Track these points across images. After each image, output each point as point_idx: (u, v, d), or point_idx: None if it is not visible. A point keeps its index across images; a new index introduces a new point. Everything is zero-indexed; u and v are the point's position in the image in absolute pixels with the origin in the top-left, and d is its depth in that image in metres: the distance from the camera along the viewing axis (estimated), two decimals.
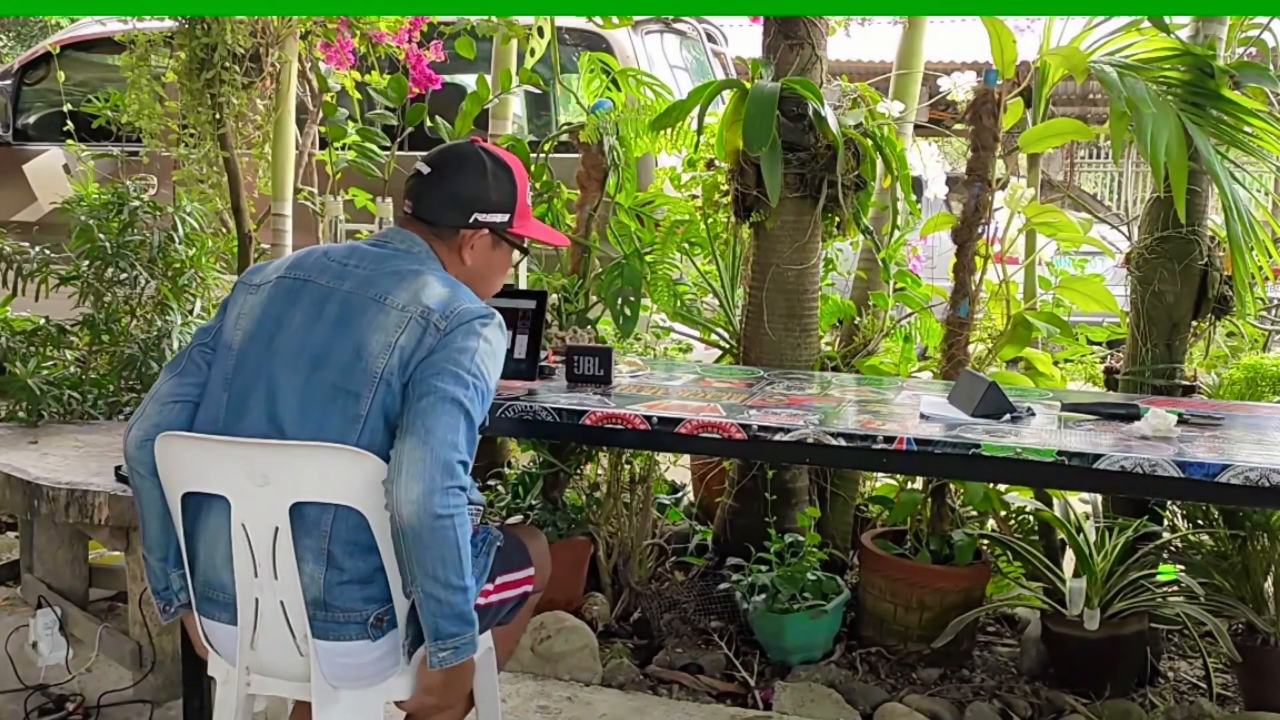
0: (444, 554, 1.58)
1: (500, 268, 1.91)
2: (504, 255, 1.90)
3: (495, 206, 1.84)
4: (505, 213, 1.85)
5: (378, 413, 1.65)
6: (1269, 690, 2.56)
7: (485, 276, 1.89)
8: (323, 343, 1.69)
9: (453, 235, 1.82)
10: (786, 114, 2.84)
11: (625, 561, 3.08)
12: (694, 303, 3.46)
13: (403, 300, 1.70)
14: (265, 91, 3.75)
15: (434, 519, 1.56)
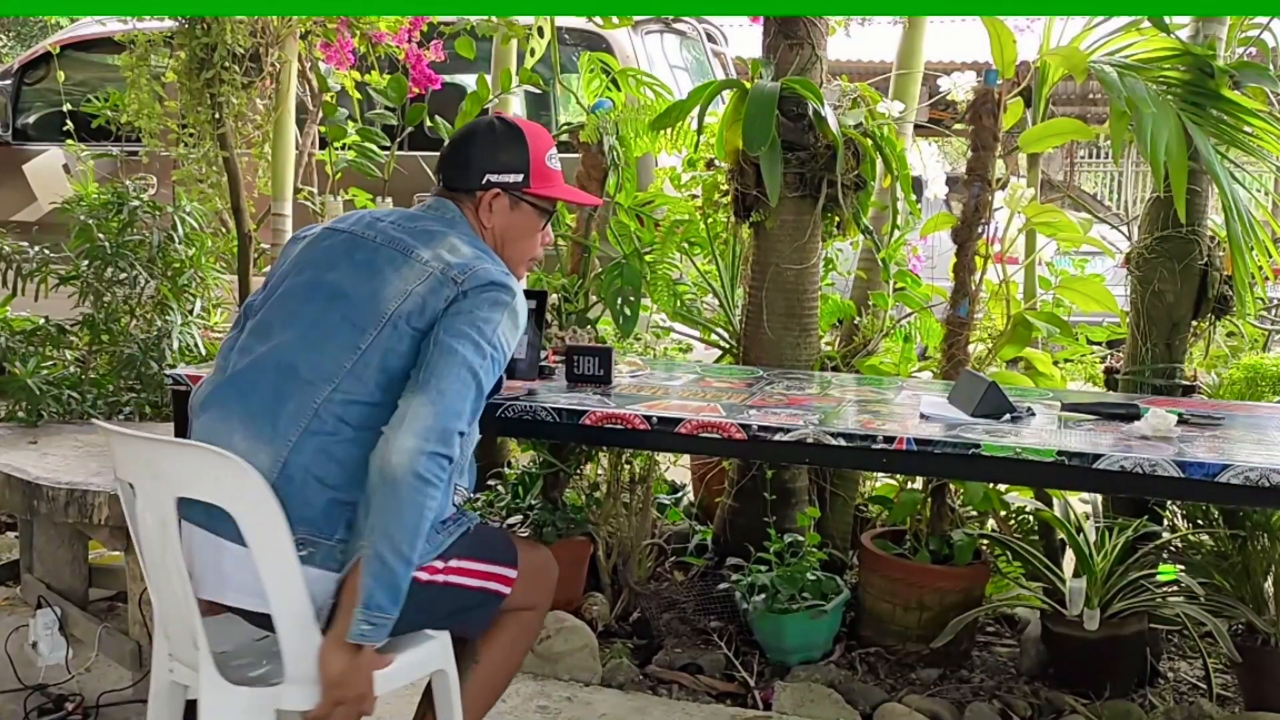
0: (407, 518, 1.61)
1: (526, 230, 1.95)
2: (527, 217, 1.94)
3: (505, 167, 1.90)
4: (518, 172, 1.90)
5: (377, 349, 1.72)
6: (1269, 690, 2.56)
7: (513, 240, 1.93)
8: (343, 282, 1.79)
9: (471, 199, 1.91)
10: (786, 114, 2.84)
11: (625, 561, 3.08)
12: (694, 303, 3.46)
13: (426, 255, 1.79)
14: (265, 91, 3.75)
15: (414, 477, 1.61)
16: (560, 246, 3.24)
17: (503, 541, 1.95)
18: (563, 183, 1.99)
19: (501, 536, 1.98)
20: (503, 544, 1.94)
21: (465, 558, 1.84)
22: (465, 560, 1.84)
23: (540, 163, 1.93)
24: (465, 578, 1.85)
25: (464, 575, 1.85)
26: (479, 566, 1.86)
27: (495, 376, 1.75)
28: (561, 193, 1.99)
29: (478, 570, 1.86)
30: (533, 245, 1.98)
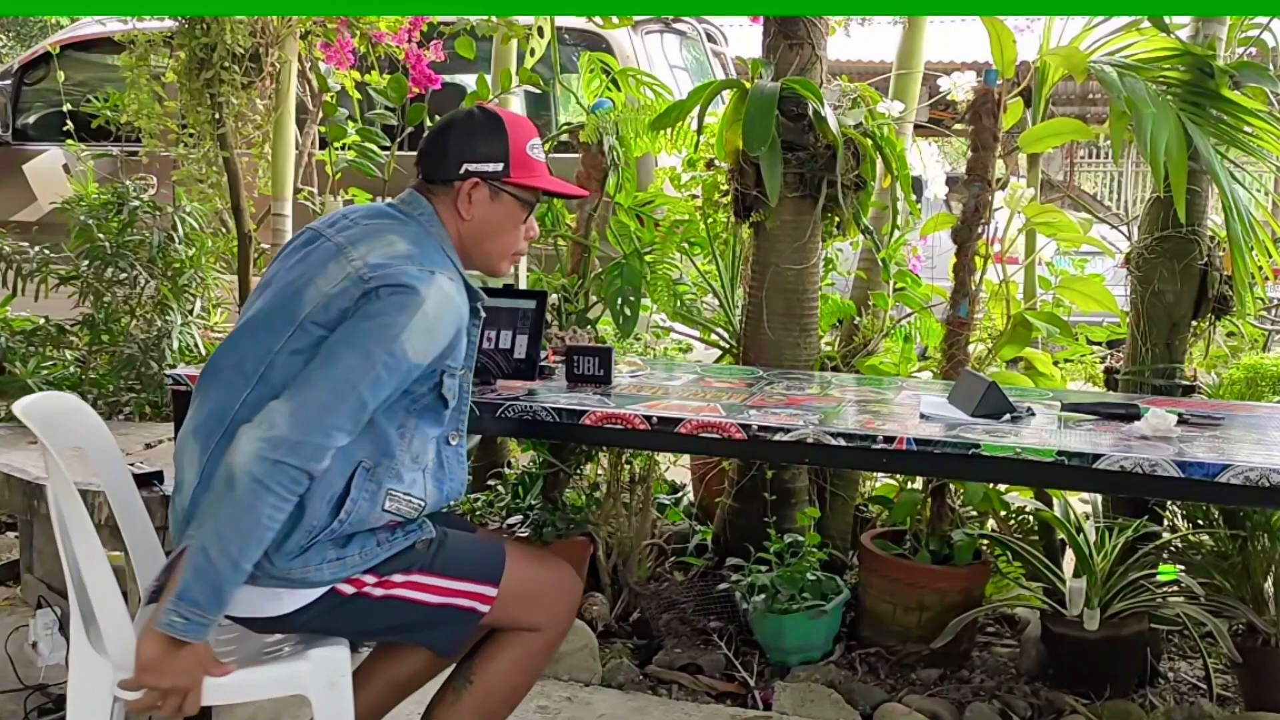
0: (240, 521, 1.57)
1: (507, 222, 1.87)
2: (508, 208, 1.86)
3: (484, 156, 1.83)
4: (497, 162, 1.84)
5: (285, 351, 1.70)
6: (1269, 691, 2.56)
7: (494, 232, 1.87)
8: (282, 276, 1.77)
9: (449, 190, 1.84)
10: (786, 114, 2.84)
11: (625, 561, 3.08)
12: (694, 303, 3.46)
13: (359, 254, 1.73)
14: (265, 91, 3.75)
15: (253, 482, 1.56)
16: (560, 246, 3.24)
17: (480, 557, 1.85)
18: (547, 173, 1.92)
19: (482, 551, 1.87)
20: (479, 559, 1.84)
21: (420, 572, 1.79)
22: (420, 575, 1.79)
23: (521, 152, 1.86)
24: (419, 592, 1.78)
25: (417, 590, 1.78)
26: (440, 583, 1.79)
27: (391, 386, 1.66)
28: (545, 183, 1.91)
29: (438, 586, 1.79)
30: (515, 238, 1.90)
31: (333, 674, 1.76)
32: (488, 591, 1.81)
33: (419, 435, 1.77)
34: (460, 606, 1.80)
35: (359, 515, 1.71)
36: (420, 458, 1.78)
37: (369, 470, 1.72)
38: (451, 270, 1.78)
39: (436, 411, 1.79)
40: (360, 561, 1.74)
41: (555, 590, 1.91)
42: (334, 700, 1.76)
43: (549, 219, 3.22)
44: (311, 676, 1.75)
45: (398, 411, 1.74)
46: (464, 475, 1.88)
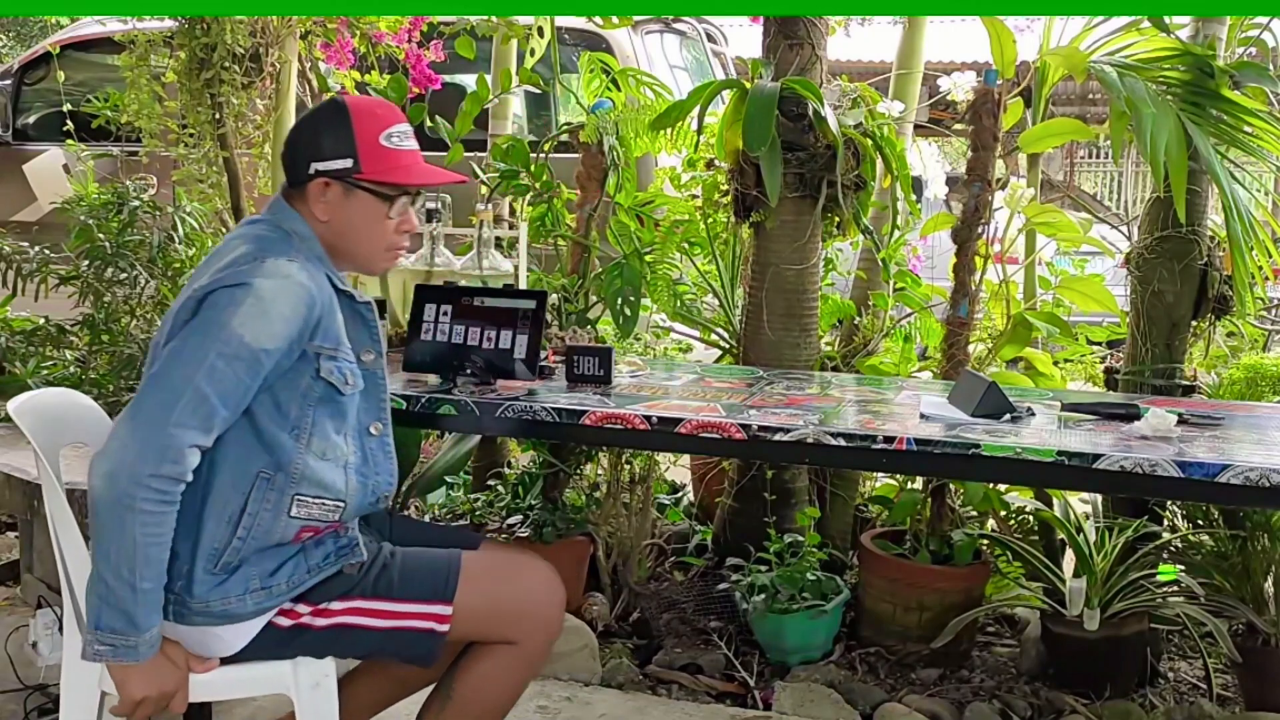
0: (119, 546, 1.52)
1: (369, 219, 1.76)
2: (366, 206, 1.75)
3: (331, 153, 1.73)
4: (345, 158, 1.73)
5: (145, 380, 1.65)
6: (1269, 691, 2.56)
7: (358, 231, 1.77)
8: None
9: (303, 193, 1.76)
10: (786, 114, 2.84)
11: (625, 561, 3.08)
12: (694, 303, 3.46)
13: (202, 273, 1.69)
14: (265, 91, 3.75)
15: (111, 505, 1.52)
16: (560, 246, 3.24)
17: (429, 575, 1.78)
18: (411, 161, 1.78)
19: (432, 569, 1.79)
20: (428, 578, 1.77)
21: (360, 597, 1.74)
22: (361, 600, 1.74)
23: (374, 144, 1.74)
24: (364, 618, 1.73)
25: (361, 615, 1.73)
26: (385, 606, 1.74)
27: (236, 376, 1.59)
28: (404, 176, 1.77)
29: (383, 610, 1.74)
30: (384, 233, 1.79)
31: (316, 674, 1.75)
32: (440, 611, 1.75)
33: (318, 432, 1.69)
34: (414, 629, 1.75)
35: (262, 527, 1.67)
36: (331, 453, 1.71)
37: (269, 479, 1.66)
38: (299, 258, 1.70)
39: (334, 402, 1.71)
40: (287, 589, 1.69)
41: (526, 602, 1.81)
42: (317, 701, 1.75)
43: (549, 219, 3.22)
44: (295, 677, 1.74)
45: (288, 410, 1.67)
46: (392, 468, 1.82)
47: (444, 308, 2.37)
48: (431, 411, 2.13)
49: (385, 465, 1.81)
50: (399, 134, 1.78)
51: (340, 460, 1.73)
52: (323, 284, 1.71)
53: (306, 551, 1.73)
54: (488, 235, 2.77)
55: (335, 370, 1.70)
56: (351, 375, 1.74)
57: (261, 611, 1.69)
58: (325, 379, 1.69)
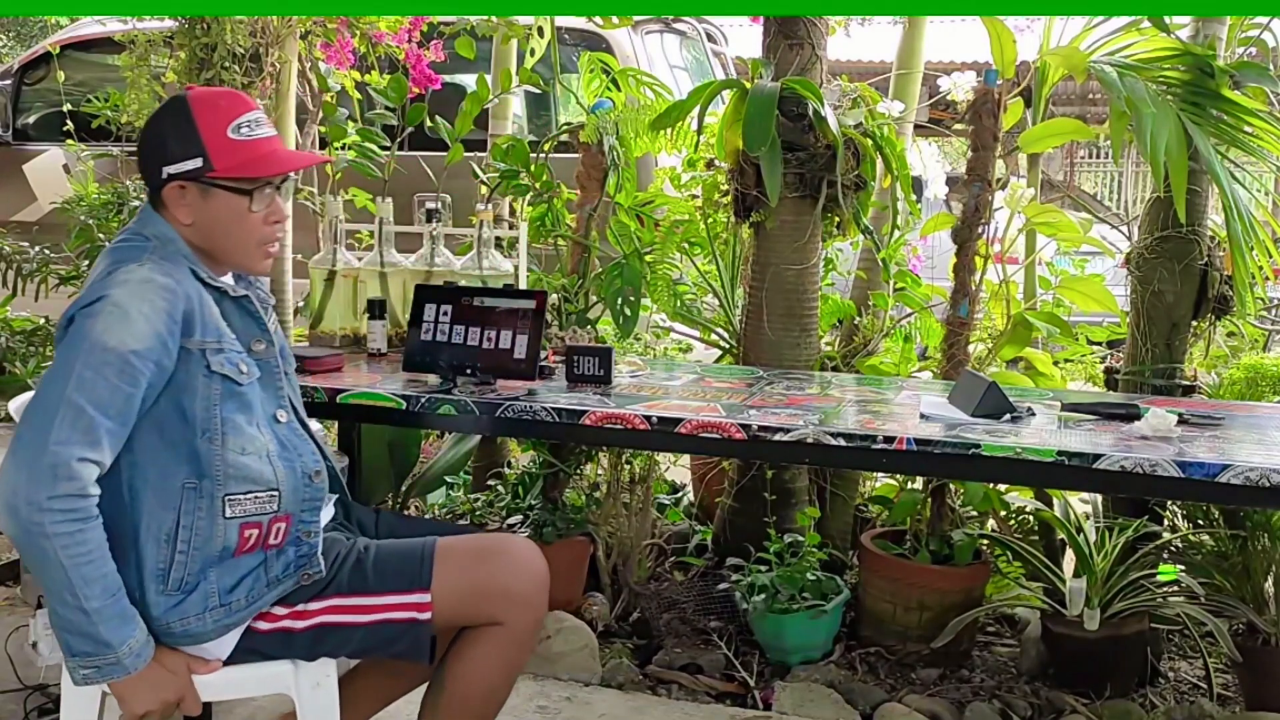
0: (52, 574, 1.51)
1: (232, 216, 1.71)
2: (226, 203, 1.70)
3: (180, 155, 1.67)
4: (194, 157, 1.67)
5: None
6: (1270, 690, 2.56)
7: (225, 231, 1.72)
8: None
9: (161, 199, 1.71)
10: (786, 114, 2.84)
11: (625, 561, 3.08)
12: (694, 303, 3.46)
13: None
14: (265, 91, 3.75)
15: (23, 538, 1.50)
16: (560, 246, 3.24)
17: (404, 565, 1.76)
18: (266, 150, 1.71)
19: (406, 558, 1.77)
20: (403, 568, 1.76)
21: (337, 595, 1.73)
22: (338, 598, 1.73)
23: (222, 139, 1.67)
24: (343, 615, 1.72)
25: (340, 613, 1.72)
26: (363, 601, 1.73)
27: (111, 383, 1.55)
28: (259, 167, 1.70)
29: (361, 605, 1.73)
30: (252, 228, 1.73)
31: (317, 674, 1.75)
32: (419, 599, 1.73)
33: (231, 429, 1.66)
34: (396, 620, 1.73)
35: (201, 537, 1.65)
36: (250, 446, 1.68)
37: (195, 488, 1.65)
38: (153, 259, 1.65)
39: (236, 395, 1.68)
40: (246, 604, 1.68)
41: (506, 580, 1.77)
42: (318, 701, 1.75)
43: (549, 219, 3.22)
44: (296, 676, 1.74)
45: (194, 415, 1.64)
46: (312, 449, 1.78)
47: (444, 308, 2.37)
48: (431, 411, 2.14)
49: (304, 446, 1.78)
50: (248, 123, 1.71)
51: (260, 451, 1.70)
52: (184, 279, 1.66)
53: (268, 564, 1.71)
54: (488, 235, 2.77)
55: (225, 362, 1.67)
56: (245, 364, 1.70)
57: (225, 629, 1.68)
58: (219, 372, 1.66)
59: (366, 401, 2.19)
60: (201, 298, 1.68)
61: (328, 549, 1.79)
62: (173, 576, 1.65)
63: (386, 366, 2.53)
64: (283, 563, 1.72)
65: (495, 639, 1.78)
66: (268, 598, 1.70)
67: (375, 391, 2.20)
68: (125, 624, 1.58)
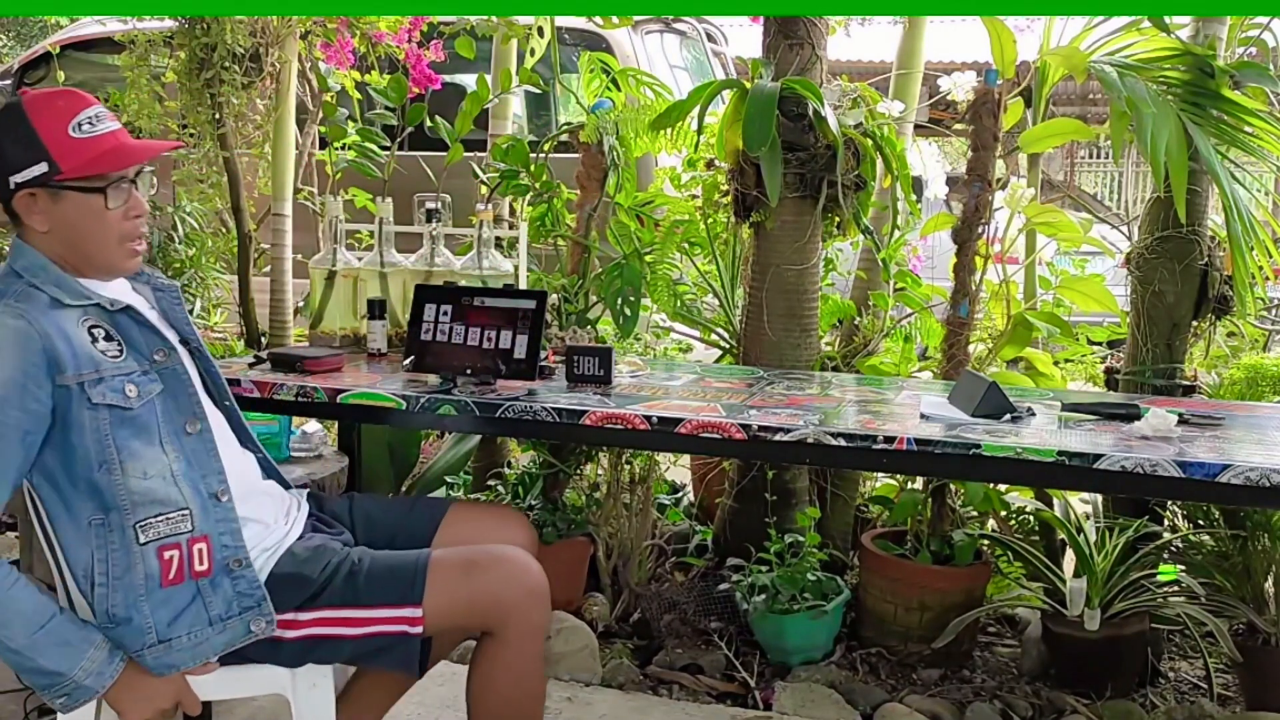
0: None
1: (88, 217, 1.66)
2: (79, 204, 1.65)
3: (23, 161, 1.61)
4: (39, 162, 1.61)
5: None
6: (1270, 690, 2.56)
7: (83, 234, 1.67)
8: None
9: (14, 212, 1.66)
10: (786, 114, 2.84)
11: (625, 562, 3.08)
12: (694, 303, 3.46)
13: None
14: (265, 91, 3.75)
15: None
16: (560, 246, 3.24)
17: (397, 578, 1.74)
18: (112, 144, 1.66)
19: (398, 571, 1.75)
20: (396, 581, 1.73)
21: (327, 607, 1.71)
22: (328, 610, 1.71)
23: (64, 139, 1.62)
24: (334, 627, 1.71)
25: (330, 625, 1.71)
26: (354, 614, 1.71)
27: None
28: (107, 163, 1.64)
29: (352, 618, 1.71)
30: (111, 226, 1.68)
31: (314, 676, 1.74)
32: (410, 614, 1.71)
33: (128, 454, 1.62)
34: (388, 633, 1.72)
35: (120, 566, 1.62)
36: (152, 469, 1.64)
37: (103, 523, 1.62)
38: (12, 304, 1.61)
39: (129, 422, 1.63)
40: (190, 645, 1.64)
41: (498, 589, 1.75)
42: (314, 703, 1.74)
43: (549, 219, 3.22)
44: (292, 678, 1.74)
45: (85, 450, 1.60)
46: (218, 465, 1.71)
47: (444, 308, 2.36)
48: (431, 411, 2.13)
49: (211, 462, 1.71)
50: (89, 119, 1.66)
51: (163, 472, 1.65)
52: (40, 316, 1.60)
53: (204, 598, 1.66)
54: (488, 235, 2.77)
55: (108, 391, 1.61)
56: (133, 386, 1.65)
57: (169, 668, 1.64)
58: (102, 403, 1.61)
59: (366, 401, 2.19)
60: (64, 332, 1.61)
61: (318, 557, 1.77)
62: (98, 610, 1.63)
63: (386, 366, 2.53)
64: (222, 599, 1.67)
65: (496, 653, 1.78)
66: (215, 642, 1.66)
67: (375, 391, 2.20)
68: (68, 649, 1.56)
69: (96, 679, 1.58)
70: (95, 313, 1.68)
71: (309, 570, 1.75)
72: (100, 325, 1.67)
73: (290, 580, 1.73)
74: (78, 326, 1.64)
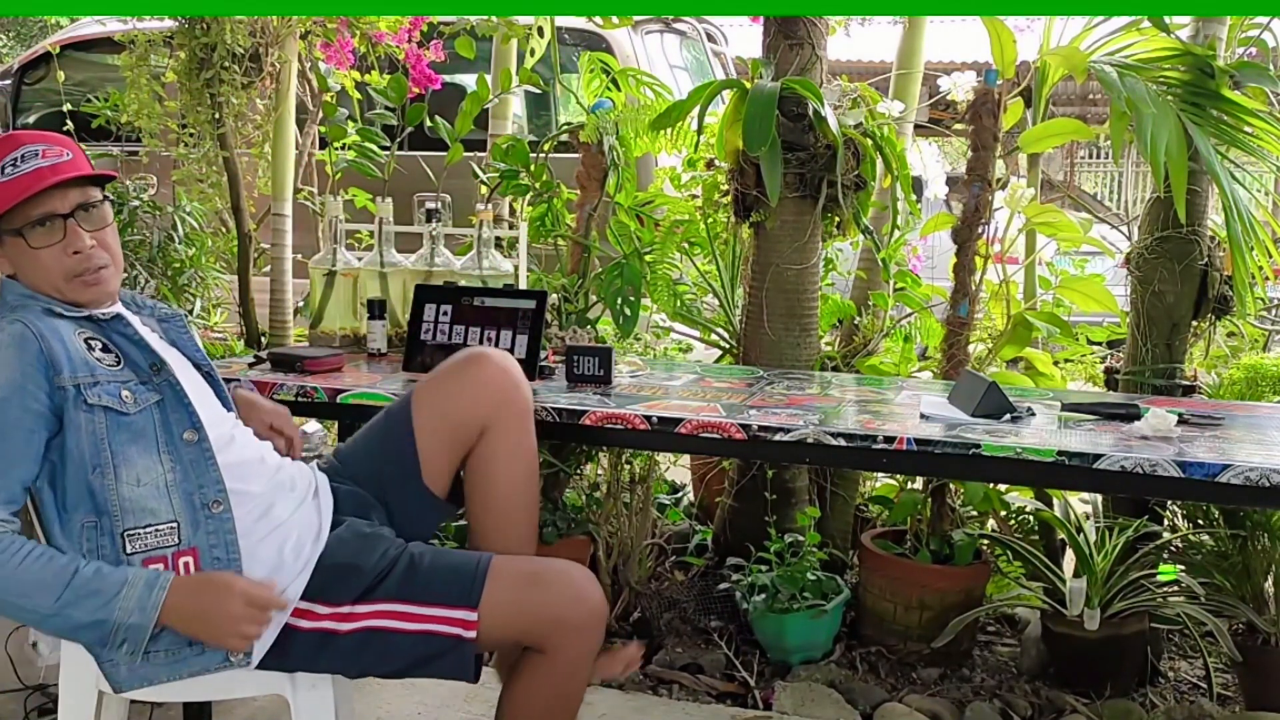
0: None
1: (28, 261, 1.69)
2: (13, 249, 1.69)
3: None
4: None
5: None
6: (1270, 690, 2.56)
7: (29, 274, 1.71)
8: None
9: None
10: (786, 114, 2.84)
11: (625, 561, 3.08)
12: (694, 303, 3.46)
13: None
14: (265, 91, 3.75)
15: None
16: (560, 246, 3.24)
17: (456, 577, 1.71)
18: (30, 183, 1.66)
19: (458, 570, 1.72)
20: (454, 580, 1.70)
21: (385, 600, 1.68)
22: (385, 603, 1.68)
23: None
24: (391, 620, 1.67)
25: (387, 618, 1.67)
26: (410, 609, 1.68)
27: None
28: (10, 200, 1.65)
29: (408, 614, 1.67)
30: (49, 266, 1.69)
31: (313, 677, 1.73)
32: (465, 616, 1.67)
33: (123, 460, 1.63)
34: (441, 634, 1.67)
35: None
36: (146, 477, 1.64)
37: (94, 525, 1.62)
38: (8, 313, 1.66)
39: (125, 426, 1.65)
40: (167, 662, 1.63)
41: (560, 609, 1.71)
42: (314, 703, 1.73)
43: (549, 219, 3.22)
44: (291, 679, 1.72)
45: (82, 453, 1.62)
46: (215, 475, 1.70)
47: (444, 308, 2.37)
48: None
49: (210, 472, 1.70)
50: (13, 160, 1.67)
51: (157, 480, 1.65)
52: (35, 319, 1.64)
53: None
54: (488, 235, 2.77)
55: (103, 393, 1.64)
56: (129, 393, 1.66)
57: (142, 681, 1.63)
58: (98, 405, 1.63)
59: (366, 401, 2.19)
60: (60, 336, 1.64)
61: (370, 546, 1.75)
62: None
63: (386, 366, 2.53)
64: None
65: (546, 669, 1.73)
66: (193, 663, 1.64)
67: (375, 392, 2.20)
68: (98, 598, 1.55)
69: (142, 614, 1.56)
70: (90, 326, 1.72)
71: (363, 560, 1.72)
72: (96, 338, 1.71)
73: (344, 570, 1.70)
74: (74, 335, 1.68)
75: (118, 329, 1.75)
